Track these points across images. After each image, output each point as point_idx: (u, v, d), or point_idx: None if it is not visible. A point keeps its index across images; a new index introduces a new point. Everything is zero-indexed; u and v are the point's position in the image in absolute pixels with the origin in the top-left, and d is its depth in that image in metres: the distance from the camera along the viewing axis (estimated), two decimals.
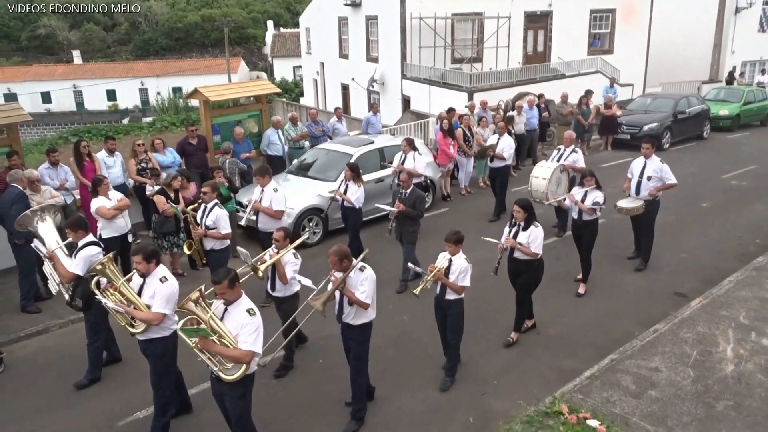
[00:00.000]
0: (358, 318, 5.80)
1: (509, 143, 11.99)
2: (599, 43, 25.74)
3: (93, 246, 6.51)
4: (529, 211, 7.10)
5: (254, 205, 8.61)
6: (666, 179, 9.13)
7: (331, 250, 5.73)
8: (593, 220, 8.53)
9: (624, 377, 6.48)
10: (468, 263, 6.38)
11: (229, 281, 4.87)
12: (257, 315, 4.91)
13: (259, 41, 62.50)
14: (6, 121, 9.81)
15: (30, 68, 53.39)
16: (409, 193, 8.86)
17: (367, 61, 26.01)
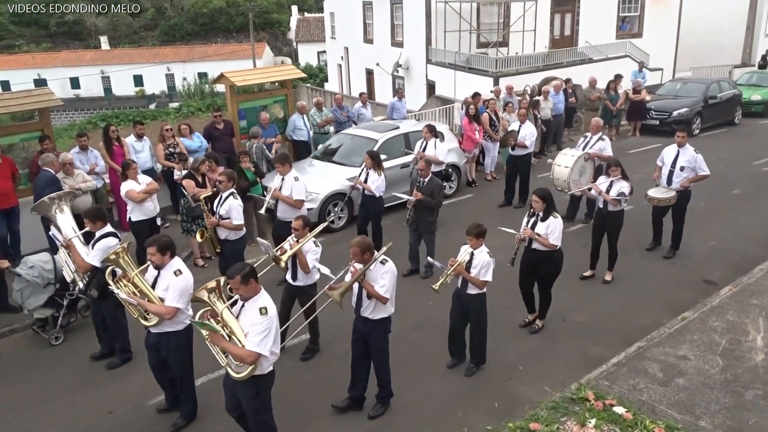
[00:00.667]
0: (376, 312, 5.71)
1: (531, 131, 11.76)
2: (628, 27, 25.23)
3: (111, 237, 6.51)
4: (549, 202, 6.95)
5: (274, 193, 8.53)
6: (699, 170, 8.91)
7: (354, 241, 5.65)
8: (618, 211, 8.36)
9: (651, 365, 6.43)
10: (491, 257, 6.25)
11: (242, 277, 4.71)
12: (269, 315, 4.74)
13: (283, 26, 62.47)
14: (38, 105, 10.00)
15: (59, 54, 54.13)
16: (428, 182, 8.69)
17: (392, 46, 25.88)
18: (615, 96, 16.20)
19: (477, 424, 5.86)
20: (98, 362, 7.06)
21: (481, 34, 23.04)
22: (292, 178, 8.50)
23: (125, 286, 5.61)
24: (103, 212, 6.73)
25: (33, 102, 10.02)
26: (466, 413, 6.03)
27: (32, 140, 9.79)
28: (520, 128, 11.68)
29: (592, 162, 10.45)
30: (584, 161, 10.36)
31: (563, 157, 10.44)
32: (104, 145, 10.29)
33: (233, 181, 8.09)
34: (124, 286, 5.61)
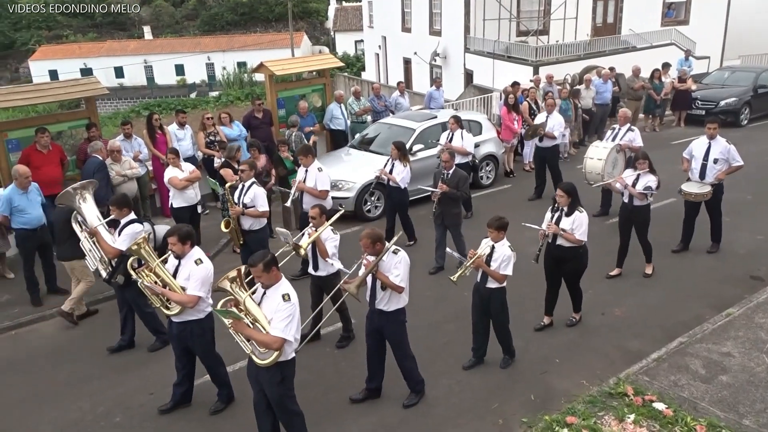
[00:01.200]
0: (391, 303, 5.70)
1: (559, 121, 11.50)
2: (674, 14, 24.54)
3: (137, 224, 6.65)
4: (573, 196, 6.74)
5: (299, 185, 8.55)
6: (733, 161, 8.59)
7: (364, 233, 5.63)
8: (644, 206, 8.09)
9: (693, 361, 6.30)
10: (512, 251, 6.13)
11: (264, 265, 4.76)
12: (292, 301, 4.80)
13: (321, 15, 62.63)
14: (85, 94, 10.26)
15: (104, 44, 55.34)
16: (452, 174, 8.55)
17: (430, 35, 25.71)
18: (659, 85, 15.79)
19: (512, 415, 5.84)
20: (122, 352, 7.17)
21: (521, 22, 22.70)
22: (316, 169, 8.52)
23: (147, 276, 5.67)
24: (128, 200, 6.86)
25: (80, 91, 10.28)
26: (501, 404, 6.01)
27: (79, 128, 10.07)
28: (548, 119, 11.41)
29: (623, 153, 10.19)
30: (616, 153, 10.10)
31: (595, 149, 10.18)
32: (148, 133, 10.52)
33: (254, 170, 8.15)
34: (146, 276, 5.66)
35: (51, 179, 9.00)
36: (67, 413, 6.16)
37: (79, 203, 7.03)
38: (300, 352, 6.70)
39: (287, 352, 4.88)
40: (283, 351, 4.81)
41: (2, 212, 8.10)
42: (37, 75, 49.96)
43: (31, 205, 8.04)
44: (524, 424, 5.67)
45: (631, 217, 8.19)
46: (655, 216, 8.90)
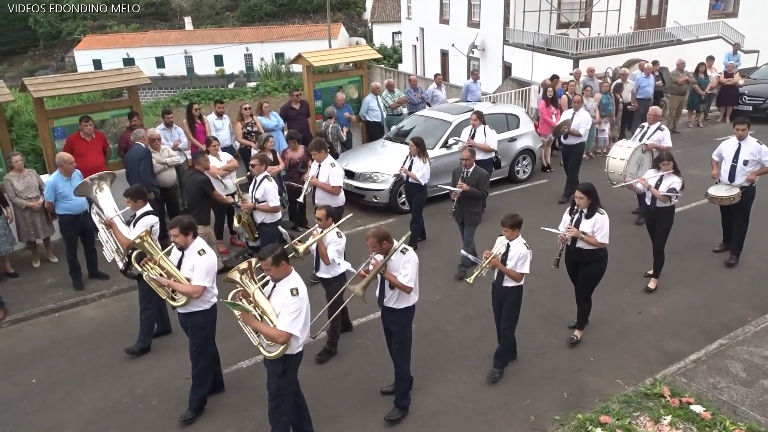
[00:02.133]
0: (400, 302, 5.61)
1: (585, 118, 11.11)
2: (722, 6, 23.83)
3: (151, 215, 6.64)
4: (593, 198, 6.46)
5: (311, 180, 8.39)
6: (766, 162, 8.16)
7: (370, 232, 5.50)
8: (668, 208, 7.72)
9: (734, 364, 6.14)
10: (527, 249, 5.99)
11: (274, 258, 4.76)
12: (300, 295, 4.78)
13: (359, 6, 62.58)
14: (128, 83, 10.48)
15: (146, 34, 56.35)
16: (472, 172, 8.27)
17: (468, 27, 25.50)
18: (704, 80, 15.35)
19: (545, 412, 5.79)
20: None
21: (561, 14, 22.33)
22: (329, 165, 8.35)
23: (152, 268, 5.68)
24: (143, 191, 6.84)
25: (123, 80, 10.50)
26: (533, 401, 5.96)
27: (122, 116, 10.28)
28: (574, 116, 11.03)
29: (650, 154, 9.73)
30: (642, 153, 9.72)
31: (619, 149, 9.86)
32: (187, 122, 10.67)
33: (266, 164, 8.02)
34: (151, 269, 5.67)
35: (94, 167, 9.16)
36: (107, 394, 6.34)
37: (95, 194, 7.01)
38: None
39: (293, 347, 4.87)
40: (290, 345, 4.81)
41: (47, 198, 8.35)
42: (81, 64, 51.13)
43: None
44: (556, 421, 5.62)
45: (655, 220, 7.88)
46: (698, 214, 8.72)
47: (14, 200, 8.54)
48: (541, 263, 7.20)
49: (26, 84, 9.50)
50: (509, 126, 12.13)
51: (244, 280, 4.99)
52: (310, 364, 6.66)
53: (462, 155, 8.46)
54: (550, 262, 6.96)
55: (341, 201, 8.55)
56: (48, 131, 9.57)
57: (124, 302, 8.19)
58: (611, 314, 7.42)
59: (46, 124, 9.56)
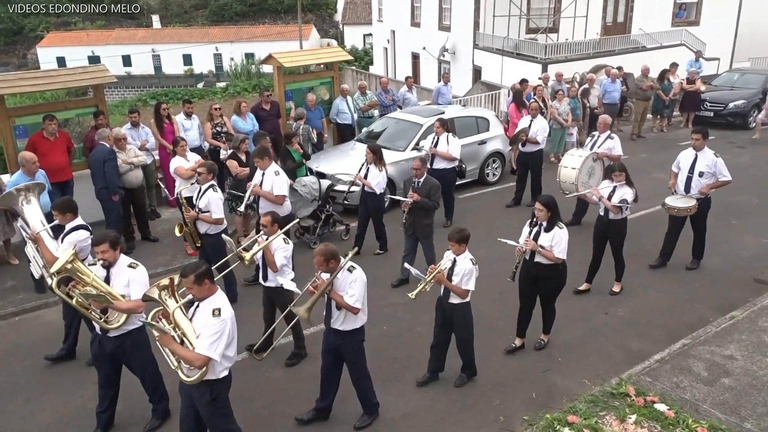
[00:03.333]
0: (347, 323, 5.36)
1: (543, 126, 10.99)
2: (685, 14, 24.42)
3: (82, 230, 6.17)
4: (554, 210, 6.29)
5: (254, 189, 8.09)
6: (720, 175, 8.09)
7: (317, 250, 5.26)
8: (620, 219, 7.67)
9: (696, 363, 6.29)
10: (473, 265, 5.80)
11: (196, 277, 4.47)
12: (222, 317, 4.49)
13: (330, 8, 62.48)
14: (93, 82, 10.27)
15: (112, 32, 55.35)
16: (423, 182, 8.02)
17: (439, 30, 25.64)
18: (667, 86, 15.71)
19: (514, 413, 5.85)
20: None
21: (531, 20, 22.62)
22: (273, 173, 8.07)
23: (82, 289, 5.28)
24: (73, 204, 6.33)
25: (89, 78, 10.29)
26: (503, 402, 6.02)
27: (87, 115, 10.07)
28: (532, 123, 10.90)
29: (601, 162, 9.77)
30: (593, 161, 9.75)
31: (570, 158, 9.90)
32: (155, 122, 10.51)
33: (213, 174, 7.70)
34: (81, 289, 5.28)
35: (57, 166, 9.02)
36: (70, 400, 6.20)
37: (22, 205, 6.47)
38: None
39: (217, 370, 4.58)
40: (211, 368, 4.52)
41: None
42: (44, 62, 50.00)
43: None
44: (525, 422, 5.68)
45: (607, 231, 7.79)
46: (663, 217, 8.88)
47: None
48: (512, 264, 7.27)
49: None
50: (479, 129, 12.24)
51: (164, 297, 4.68)
52: (281, 366, 6.61)
53: (412, 164, 8.20)
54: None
55: (287, 210, 8.26)
56: (9, 130, 9.31)
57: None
58: (578, 316, 7.53)
59: (7, 122, 9.30)
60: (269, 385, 6.36)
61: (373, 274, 8.30)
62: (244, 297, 7.82)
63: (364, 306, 5.39)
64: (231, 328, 4.59)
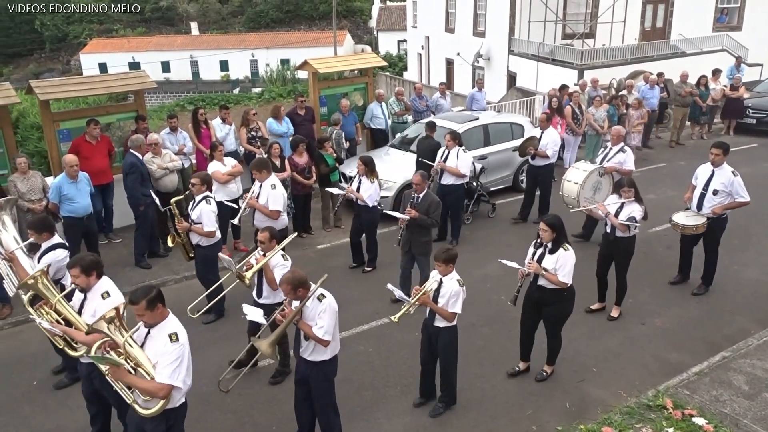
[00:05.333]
0: (316, 354, 5.03)
1: (553, 138, 10.36)
2: (726, 19, 23.85)
3: (60, 249, 5.98)
4: (559, 231, 5.91)
5: (249, 201, 7.90)
6: (736, 195, 7.51)
7: (284, 278, 4.97)
8: (628, 238, 7.23)
9: (736, 376, 6.12)
10: (461, 286, 5.49)
11: (148, 302, 4.19)
12: (180, 341, 4.24)
13: (365, 14, 62.82)
14: (134, 87, 10.52)
15: (152, 39, 56.63)
16: (423, 198, 7.65)
17: (474, 36, 25.56)
18: (705, 92, 15.35)
19: (547, 423, 5.77)
20: None
21: (567, 25, 22.39)
22: (269, 186, 7.85)
23: (47, 313, 5.00)
24: (49, 223, 6.14)
25: (130, 84, 10.55)
26: (536, 411, 5.95)
27: (128, 120, 10.32)
28: (542, 135, 10.34)
29: (609, 177, 9.33)
30: (599, 176, 9.35)
31: (574, 172, 9.49)
32: (192, 127, 10.70)
33: (207, 185, 7.50)
34: (45, 314, 5.00)
35: (99, 169, 9.25)
36: None
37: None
38: None
39: (175, 399, 4.30)
40: (171, 398, 4.24)
41: (52, 200, 8.37)
42: (87, 68, 51.39)
43: (80, 194, 8.27)
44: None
45: (613, 249, 7.35)
46: None
47: (17, 202, 8.55)
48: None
49: (33, 86, 9.54)
50: (513, 135, 12.14)
51: (112, 330, 4.34)
52: None
53: (413, 179, 7.85)
54: None
55: (283, 224, 8.07)
56: (53, 134, 9.61)
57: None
58: (614, 325, 7.41)
59: (51, 126, 9.60)
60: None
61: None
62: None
63: (335, 336, 5.08)
64: (188, 352, 4.33)
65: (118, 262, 9.18)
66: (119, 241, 9.93)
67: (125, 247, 9.64)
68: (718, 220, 7.67)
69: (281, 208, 7.91)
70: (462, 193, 9.79)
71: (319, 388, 5.20)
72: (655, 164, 13.50)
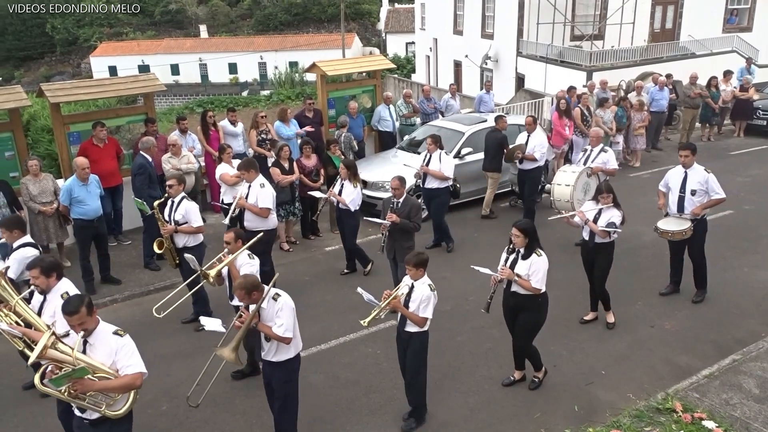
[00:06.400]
0: (279, 353, 5.05)
1: (540, 142, 10.28)
2: (736, 20, 23.72)
3: (29, 247, 6.03)
4: (531, 236, 5.82)
5: (239, 201, 7.87)
6: (713, 192, 7.49)
7: (237, 284, 4.97)
8: (607, 244, 7.05)
9: (747, 380, 6.08)
10: (432, 291, 5.39)
11: (88, 307, 4.16)
12: (127, 335, 4.33)
13: (373, 17, 62.94)
14: (143, 90, 10.60)
15: (161, 42, 57.00)
16: (403, 202, 7.54)
17: (482, 38, 25.56)
18: (716, 93, 15.27)
19: (555, 426, 5.75)
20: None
21: (575, 27, 22.35)
22: (258, 185, 7.83)
23: (6, 315, 4.93)
24: (20, 221, 6.21)
25: (139, 87, 10.63)
26: (544, 414, 5.92)
27: (137, 122, 10.38)
28: (528, 139, 10.26)
29: (596, 178, 9.39)
30: (587, 177, 9.37)
31: (563, 175, 9.47)
32: (201, 129, 10.76)
33: (183, 185, 7.54)
34: (5, 316, 4.93)
35: (107, 172, 9.32)
36: None
37: None
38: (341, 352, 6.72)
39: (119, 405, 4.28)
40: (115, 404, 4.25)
41: (63, 202, 8.44)
42: (97, 71, 51.82)
43: (90, 196, 8.32)
44: None
45: (593, 257, 7.19)
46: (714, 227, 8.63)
47: (28, 204, 8.64)
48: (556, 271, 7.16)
49: (43, 89, 9.63)
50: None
51: (55, 354, 4.19)
52: (321, 372, 6.67)
53: (391, 184, 7.69)
54: (566, 271, 6.92)
55: (273, 224, 8.06)
56: (64, 136, 9.69)
57: (135, 307, 8.23)
58: (623, 327, 7.36)
59: (62, 129, 9.68)
60: (308, 391, 6.40)
61: None
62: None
63: (296, 333, 5.09)
64: None
65: (128, 264, 9.25)
66: (129, 243, 10.00)
67: (134, 249, 9.70)
68: (699, 222, 7.60)
69: (270, 206, 7.89)
70: (446, 197, 9.64)
71: (281, 389, 5.19)
72: (664, 166, 13.39)
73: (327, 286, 8.67)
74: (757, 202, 11.14)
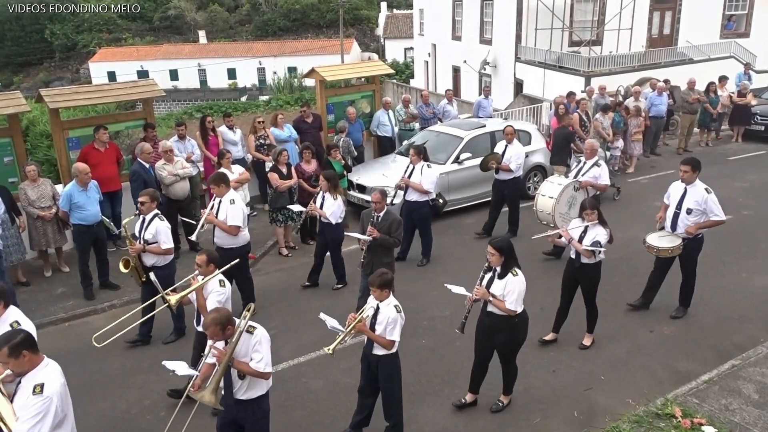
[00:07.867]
0: (251, 390, 4.64)
1: (517, 152, 9.93)
2: (734, 26, 23.81)
3: None
4: (507, 255, 5.51)
5: (207, 217, 7.45)
6: (711, 213, 7.05)
7: (209, 319, 4.50)
8: (593, 264, 6.70)
9: (746, 385, 6.08)
10: (398, 312, 5.17)
11: (11, 349, 3.72)
12: (45, 394, 3.75)
13: (372, 22, 63.08)
14: (142, 95, 10.61)
15: (160, 47, 57.03)
16: (383, 216, 7.28)
17: (480, 43, 25.64)
18: (715, 99, 15.32)
19: (554, 431, 5.74)
20: None
21: (573, 32, 22.43)
22: (228, 201, 7.46)
23: None
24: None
25: (138, 92, 10.64)
26: (543, 419, 5.92)
27: (136, 128, 10.39)
28: (506, 149, 9.96)
29: (584, 192, 9.05)
30: (574, 191, 9.05)
31: (549, 186, 9.23)
32: (200, 134, 10.76)
33: (156, 201, 7.19)
34: None
35: (107, 177, 9.32)
36: (116, 404, 6.36)
37: None
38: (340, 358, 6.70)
39: None
40: None
41: (62, 207, 8.44)
42: (96, 76, 51.82)
43: (90, 201, 8.32)
44: None
45: (578, 276, 6.83)
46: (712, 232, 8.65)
47: (27, 209, 8.64)
48: (550, 278, 7.18)
49: (42, 95, 9.63)
50: (521, 142, 12.12)
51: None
52: (320, 377, 6.66)
53: (372, 197, 7.46)
54: (560, 277, 6.91)
55: (244, 241, 7.65)
56: (63, 141, 9.69)
57: (134, 313, 8.20)
58: (622, 333, 7.37)
59: (61, 134, 9.68)
60: (308, 396, 6.40)
61: (411, 288, 8.34)
62: None
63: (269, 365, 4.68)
64: (60, 404, 3.84)
65: None
66: (127, 248, 9.96)
67: None
68: (693, 240, 7.21)
69: (240, 224, 7.46)
70: (427, 211, 9.34)
71: (257, 427, 4.77)
72: (662, 171, 13.45)
73: (326, 291, 8.67)
74: (755, 207, 11.17)
